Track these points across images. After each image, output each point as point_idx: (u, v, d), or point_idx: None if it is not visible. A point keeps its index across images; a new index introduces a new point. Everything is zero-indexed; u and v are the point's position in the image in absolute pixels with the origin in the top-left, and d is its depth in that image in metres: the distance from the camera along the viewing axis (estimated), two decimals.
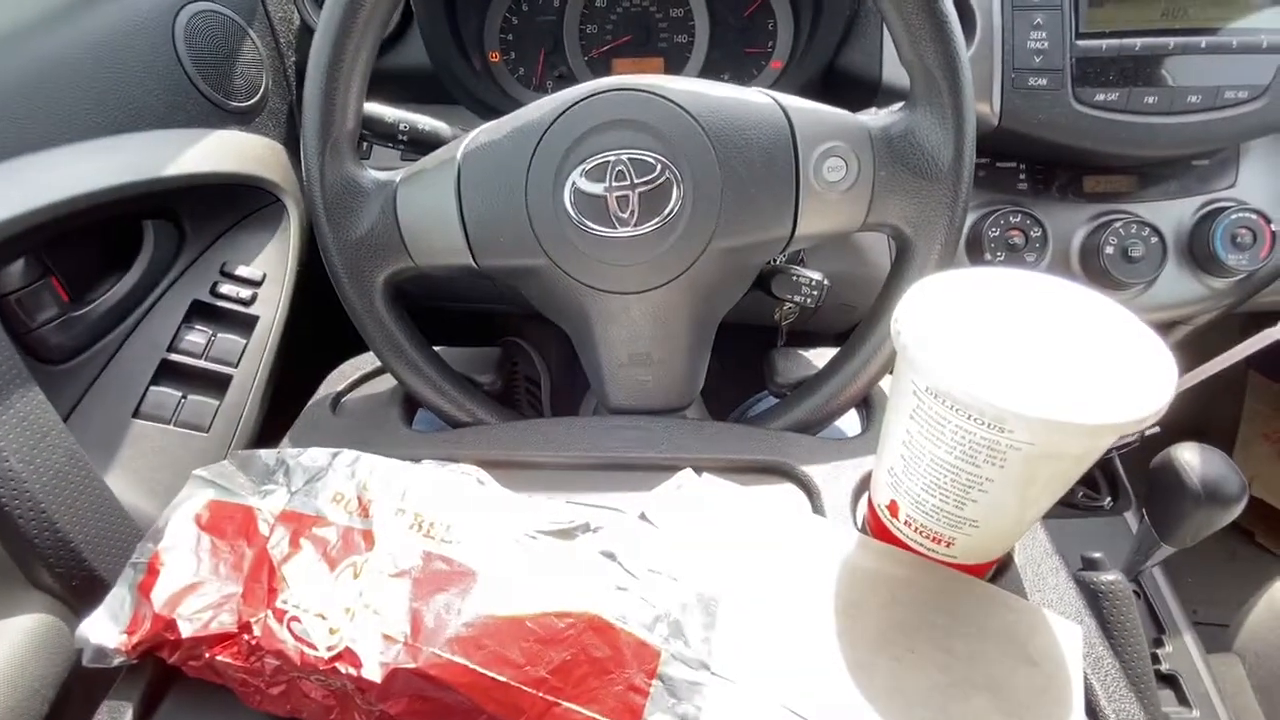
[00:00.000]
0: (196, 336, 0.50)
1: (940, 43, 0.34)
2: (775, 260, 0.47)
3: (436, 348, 0.45)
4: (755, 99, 0.38)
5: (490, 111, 0.58)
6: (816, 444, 0.39)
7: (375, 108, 0.46)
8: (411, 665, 0.24)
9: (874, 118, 0.37)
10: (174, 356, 0.49)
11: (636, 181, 0.37)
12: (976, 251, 0.53)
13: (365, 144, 0.64)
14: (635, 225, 0.37)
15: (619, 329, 0.40)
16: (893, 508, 0.31)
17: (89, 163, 0.44)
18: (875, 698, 0.26)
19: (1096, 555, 0.42)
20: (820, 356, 0.47)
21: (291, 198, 0.56)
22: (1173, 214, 0.54)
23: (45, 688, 0.36)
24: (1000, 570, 0.32)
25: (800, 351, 0.48)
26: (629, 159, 0.36)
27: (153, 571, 0.28)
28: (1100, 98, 0.48)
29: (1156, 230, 0.52)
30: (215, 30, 0.53)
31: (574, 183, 0.37)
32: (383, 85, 0.62)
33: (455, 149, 0.39)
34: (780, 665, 0.27)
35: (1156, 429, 0.67)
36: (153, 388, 0.47)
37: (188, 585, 0.27)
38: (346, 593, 0.26)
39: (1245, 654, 0.57)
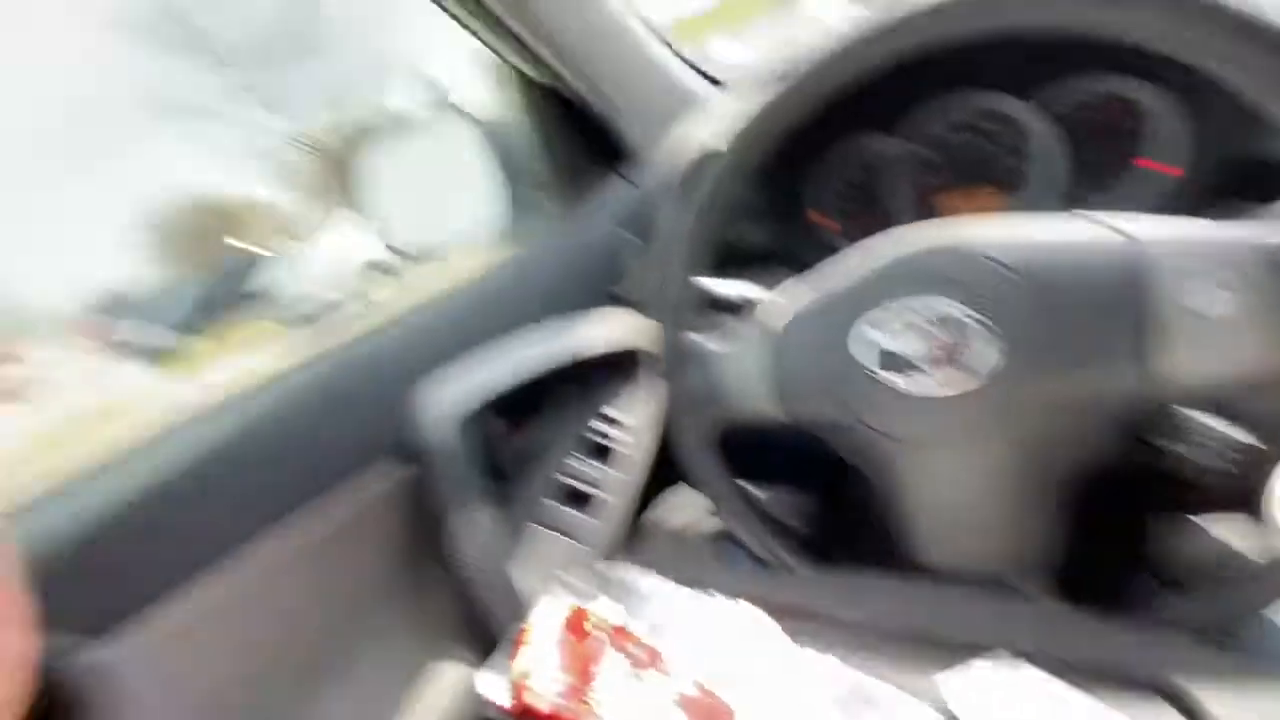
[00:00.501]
0: (583, 466, 0.65)
1: None
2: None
3: (761, 490, 0.49)
4: (1086, 234, 0.34)
5: (807, 268, 0.64)
6: (1224, 661, 0.29)
7: (713, 284, 0.57)
8: None
9: (1269, 231, 0.30)
10: (565, 479, 0.64)
11: (945, 340, 0.36)
12: None
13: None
14: (944, 383, 0.36)
15: (930, 485, 0.38)
16: None
17: (544, 345, 0.65)
18: None
19: None
20: (1237, 531, 0.35)
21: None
22: None
23: None
24: None
25: (1204, 523, 0.36)
26: (938, 317, 0.37)
27: (518, 644, 0.37)
28: None
29: None
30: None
31: (881, 344, 0.38)
32: (727, 256, 0.74)
33: (775, 322, 0.45)
34: None
35: None
36: (548, 503, 0.63)
37: (538, 661, 0.35)
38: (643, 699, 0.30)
39: None
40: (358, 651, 0.51)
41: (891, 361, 0.38)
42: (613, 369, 0.72)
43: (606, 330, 0.68)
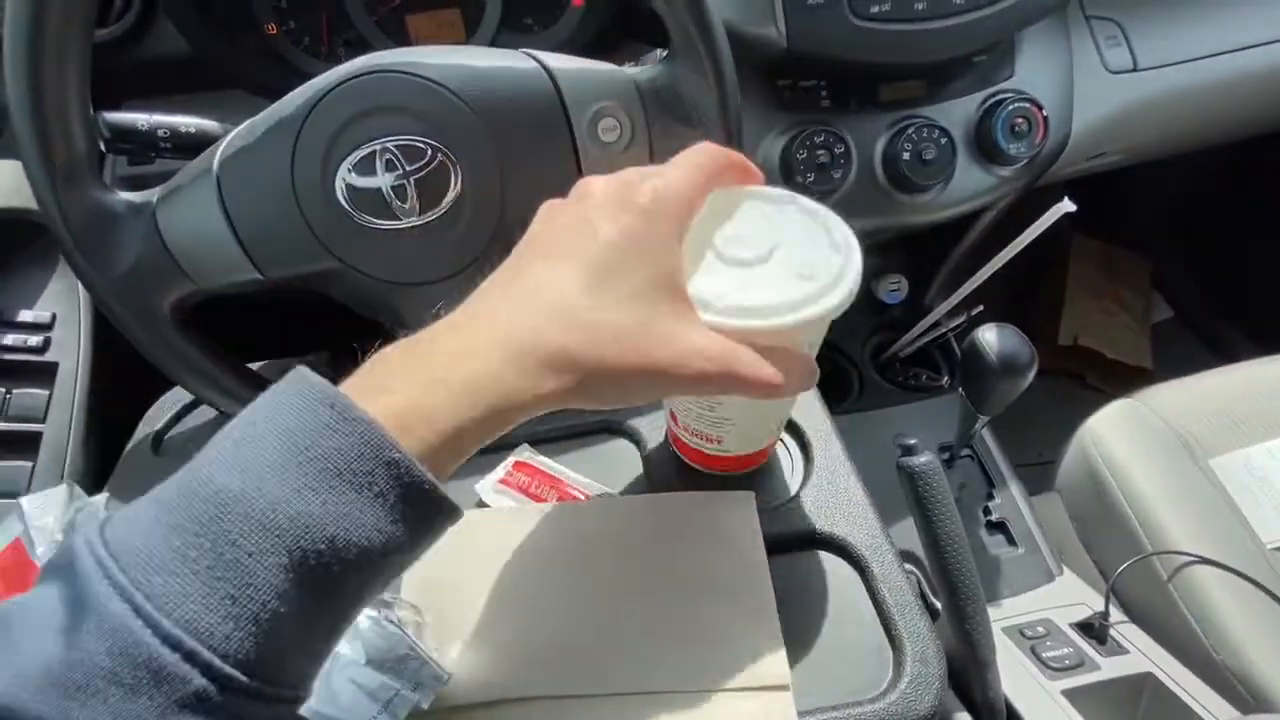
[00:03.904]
0: None
1: None
2: None
3: (259, 363, 0.43)
4: (518, 64, 0.37)
5: (276, 93, 0.54)
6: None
7: (123, 117, 0.42)
8: None
9: (641, 71, 0.37)
10: None
11: (409, 169, 0.35)
12: (788, 175, 0.55)
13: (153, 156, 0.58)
14: (420, 214, 0.36)
15: (432, 319, 0.40)
16: (673, 415, 0.33)
17: None
18: (603, 646, 0.28)
19: (912, 441, 0.47)
20: None
21: None
22: (959, 112, 0.57)
23: None
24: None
25: None
26: (395, 146, 0.35)
27: None
28: (875, 10, 0.49)
29: (945, 131, 0.55)
30: None
31: (344, 179, 0.35)
32: (149, 79, 0.56)
33: (211, 157, 0.36)
34: (518, 661, 0.28)
35: (980, 307, 0.74)
36: None
37: None
38: None
39: (1063, 490, 0.67)
40: None
41: (361, 198, 0.35)
42: None
43: None
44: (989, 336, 0.53)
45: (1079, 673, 0.50)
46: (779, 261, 0.26)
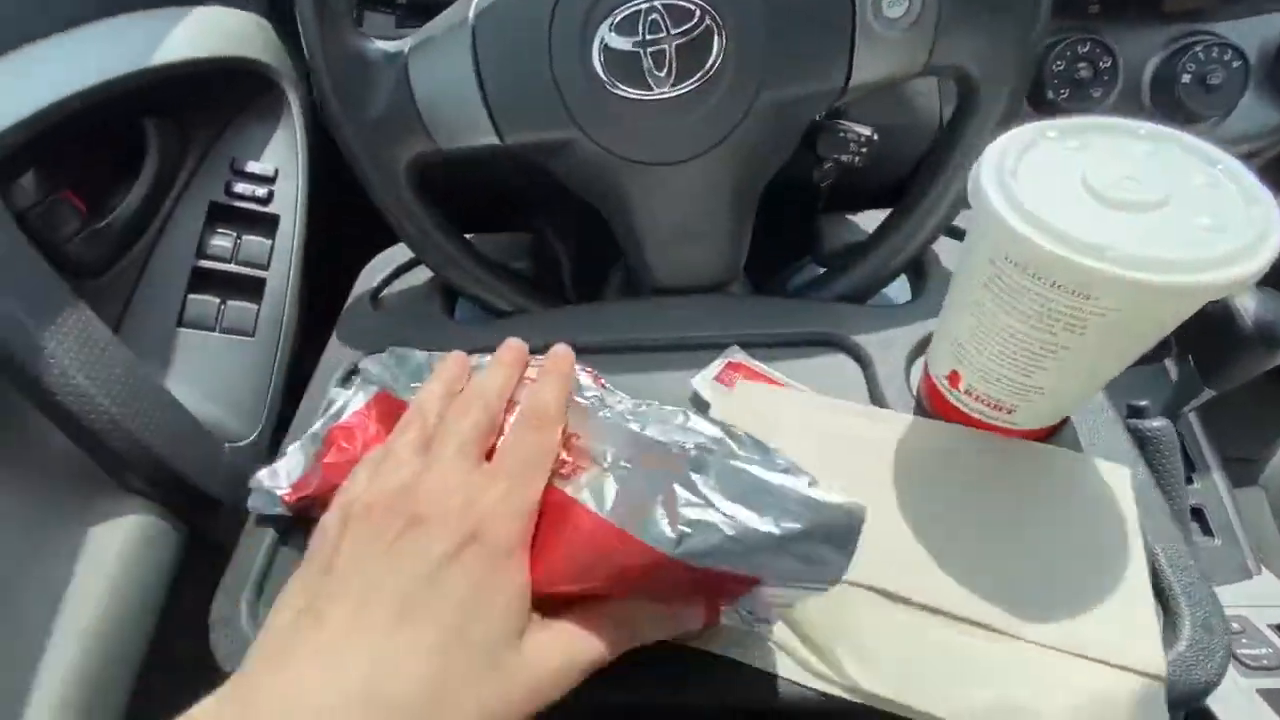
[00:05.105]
0: (222, 240, 0.49)
1: None
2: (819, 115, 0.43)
3: (467, 235, 0.44)
4: None
5: None
6: (867, 312, 0.38)
7: None
8: None
9: None
10: (204, 263, 0.48)
11: (673, 32, 0.33)
12: (1036, 89, 0.48)
13: (359, 11, 0.58)
14: (674, 84, 0.34)
15: (659, 203, 0.38)
16: (953, 378, 0.30)
17: (63, 60, 0.40)
18: (950, 568, 0.27)
19: (1143, 403, 0.43)
20: (868, 220, 0.45)
21: (289, 81, 0.52)
22: (1262, 32, 0.48)
23: (159, 575, 0.40)
24: (1057, 426, 0.32)
25: (848, 216, 0.45)
26: (663, 5, 0.33)
27: (329, 444, 0.30)
28: None
29: (1240, 53, 0.47)
30: None
31: (603, 38, 0.33)
32: None
33: (467, 8, 0.35)
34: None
35: None
36: (191, 296, 0.47)
37: (351, 460, 0.29)
38: None
39: (1270, 486, 0.60)
40: None
41: (617, 62, 0.33)
42: (223, 97, 0.51)
43: (189, 32, 0.46)
44: (1244, 299, 0.46)
45: (1278, 674, 0.46)
46: (1177, 209, 0.22)
